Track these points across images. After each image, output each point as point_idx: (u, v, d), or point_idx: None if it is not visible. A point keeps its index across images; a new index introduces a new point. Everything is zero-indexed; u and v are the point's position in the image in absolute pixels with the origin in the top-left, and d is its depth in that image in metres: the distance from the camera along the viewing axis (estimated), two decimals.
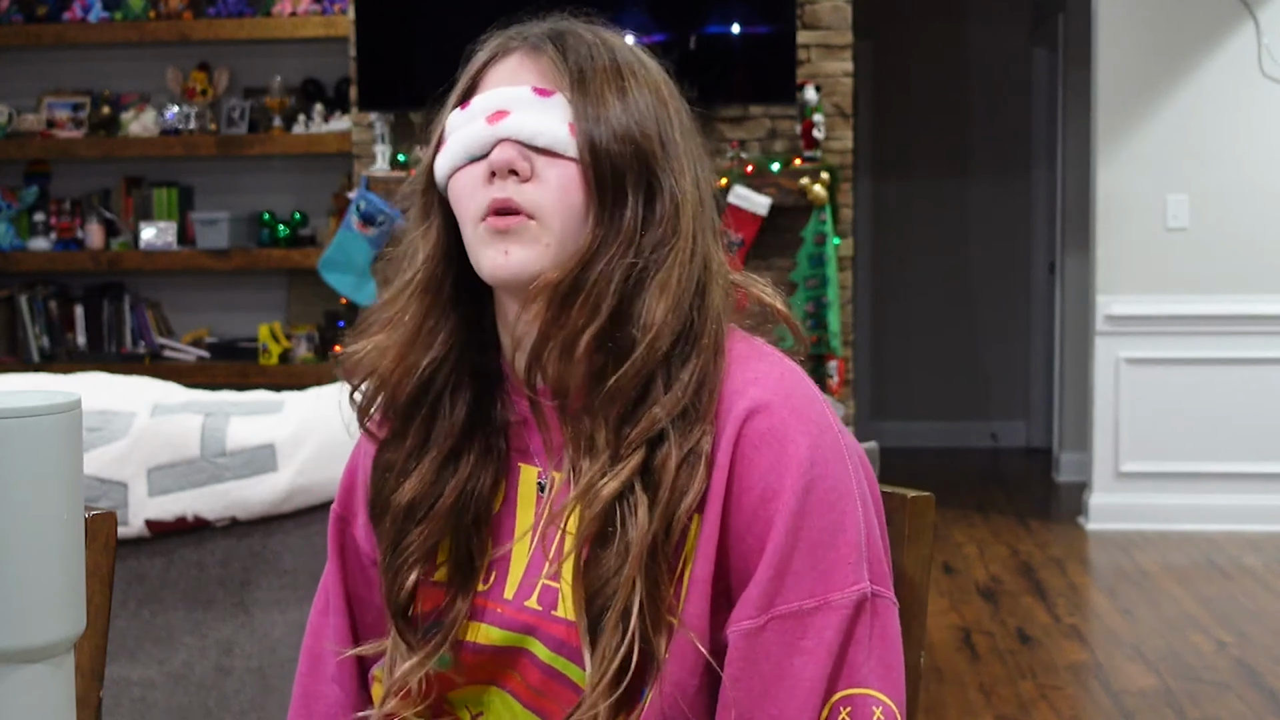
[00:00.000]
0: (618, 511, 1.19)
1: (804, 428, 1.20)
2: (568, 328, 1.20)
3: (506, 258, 1.21)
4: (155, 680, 2.56)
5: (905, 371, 8.05)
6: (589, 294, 1.20)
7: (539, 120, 1.22)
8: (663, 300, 1.21)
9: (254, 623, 2.55)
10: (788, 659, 1.18)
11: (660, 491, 1.19)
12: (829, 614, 1.18)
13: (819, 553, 1.19)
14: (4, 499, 0.93)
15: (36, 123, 6.30)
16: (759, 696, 1.18)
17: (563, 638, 1.24)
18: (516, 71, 1.26)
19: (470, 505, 1.28)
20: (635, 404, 1.20)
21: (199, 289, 6.39)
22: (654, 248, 1.22)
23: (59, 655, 0.97)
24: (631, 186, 1.22)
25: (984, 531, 5.90)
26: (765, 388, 1.21)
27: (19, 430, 0.93)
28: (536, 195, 1.21)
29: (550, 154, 1.22)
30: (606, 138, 1.21)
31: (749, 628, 1.18)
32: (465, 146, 1.24)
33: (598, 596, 1.19)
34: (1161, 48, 5.76)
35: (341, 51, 6.01)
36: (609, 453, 1.20)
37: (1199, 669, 4.13)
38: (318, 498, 2.52)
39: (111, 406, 2.54)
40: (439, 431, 1.28)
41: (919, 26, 7.88)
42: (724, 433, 1.20)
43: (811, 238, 5.43)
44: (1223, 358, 5.77)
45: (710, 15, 5.50)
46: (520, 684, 1.28)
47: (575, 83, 1.23)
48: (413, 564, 1.29)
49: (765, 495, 1.19)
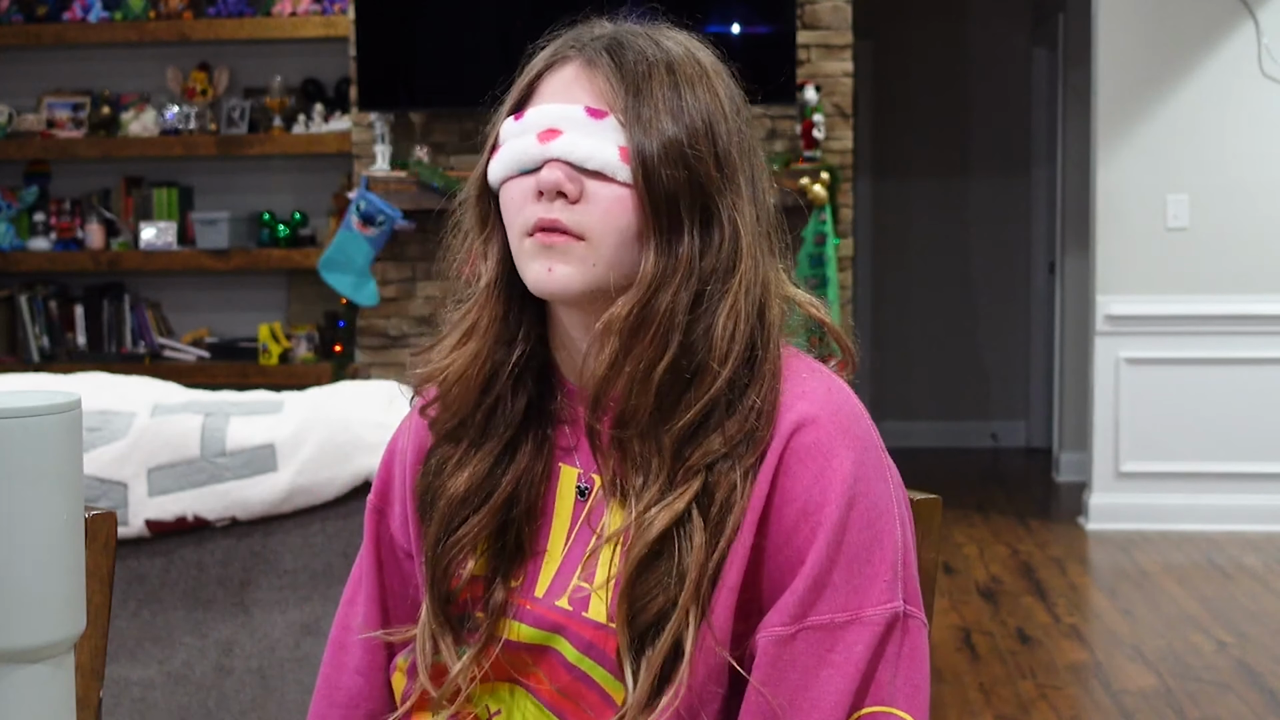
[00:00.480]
0: (674, 537, 1.19)
1: (849, 443, 1.21)
2: (641, 360, 1.20)
3: (550, 274, 1.21)
4: (155, 680, 2.56)
5: (905, 371, 8.05)
6: (658, 326, 1.20)
7: (590, 143, 1.21)
8: (729, 328, 1.21)
9: (254, 623, 2.55)
10: (815, 670, 1.18)
11: (713, 515, 1.20)
12: (861, 629, 1.18)
13: (855, 568, 1.19)
14: (4, 499, 0.93)
15: (36, 123, 6.30)
16: (784, 705, 1.18)
17: (591, 639, 1.24)
18: (570, 86, 1.24)
19: (523, 496, 1.29)
20: (696, 430, 1.21)
21: (199, 289, 6.39)
22: (714, 274, 1.22)
23: (59, 655, 0.97)
24: (686, 211, 1.21)
25: (984, 531, 5.90)
26: (813, 402, 1.22)
27: (19, 430, 0.93)
28: (584, 217, 1.21)
29: (601, 177, 1.21)
30: (659, 163, 1.19)
31: (780, 635, 1.19)
32: (516, 159, 1.23)
33: (642, 613, 1.20)
34: (1161, 48, 5.76)
35: (341, 51, 6.01)
36: (664, 476, 1.20)
37: (1199, 669, 4.13)
38: (318, 498, 2.52)
39: (111, 406, 2.54)
40: (498, 423, 1.29)
41: (919, 26, 7.88)
42: (771, 445, 1.21)
43: (811, 238, 5.43)
44: (1223, 358, 5.77)
45: (710, 15, 5.50)
46: (544, 684, 1.28)
47: (630, 102, 1.21)
48: (466, 553, 1.29)
49: (808, 508, 1.20)
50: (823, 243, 5.41)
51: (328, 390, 2.73)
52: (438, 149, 5.73)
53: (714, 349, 1.20)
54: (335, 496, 2.54)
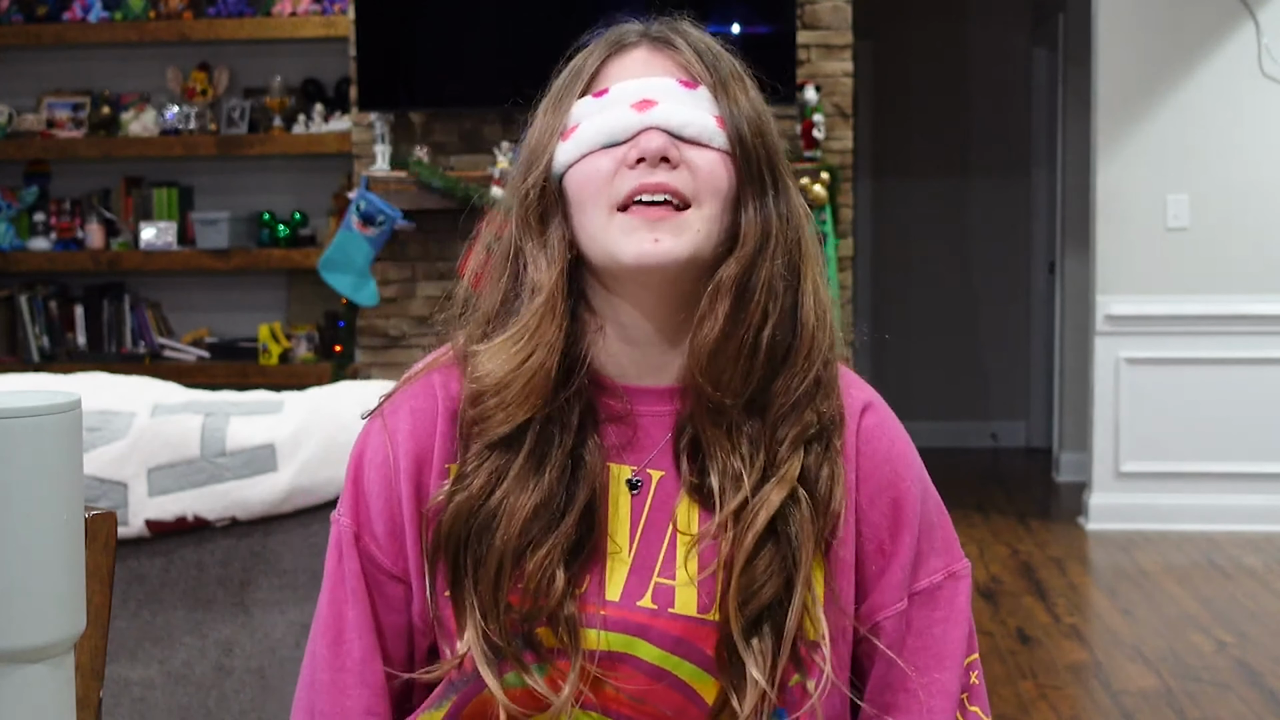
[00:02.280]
0: (784, 514, 1.21)
1: (898, 426, 1.35)
2: (750, 325, 1.21)
3: (656, 245, 1.20)
4: (155, 680, 2.56)
5: (905, 371, 8.05)
6: (763, 289, 1.22)
7: (688, 111, 1.23)
8: (817, 304, 1.26)
9: (254, 623, 2.55)
10: (933, 630, 1.29)
11: (820, 492, 1.23)
12: (956, 583, 1.32)
13: (935, 532, 1.32)
14: (4, 499, 0.93)
15: (36, 123, 6.30)
16: (918, 669, 1.28)
17: (681, 635, 1.22)
18: (650, 64, 1.26)
19: (599, 504, 1.24)
20: (792, 407, 1.23)
21: (199, 289, 6.39)
22: (791, 246, 1.25)
23: (59, 655, 0.97)
24: (770, 179, 1.26)
25: (984, 531, 5.90)
26: (863, 390, 1.33)
27: (19, 430, 0.93)
28: (688, 181, 1.22)
29: (698, 144, 1.23)
30: (750, 131, 1.24)
31: (900, 609, 1.28)
32: (606, 131, 1.22)
33: (755, 598, 1.20)
34: (1161, 48, 5.76)
35: (341, 51, 6.01)
36: (765, 455, 1.21)
37: (1199, 669, 4.13)
38: (318, 498, 2.52)
39: (111, 406, 2.54)
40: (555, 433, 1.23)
41: (919, 26, 7.88)
42: (848, 429, 1.28)
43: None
44: (1223, 358, 5.77)
45: (710, 15, 5.50)
46: (614, 696, 1.22)
47: (718, 77, 1.26)
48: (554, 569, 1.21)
49: (883, 484, 1.28)
50: (823, 243, 5.41)
51: (328, 390, 2.73)
52: (438, 149, 5.73)
53: (807, 326, 1.24)
54: (335, 496, 2.53)
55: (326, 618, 1.30)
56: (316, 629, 1.31)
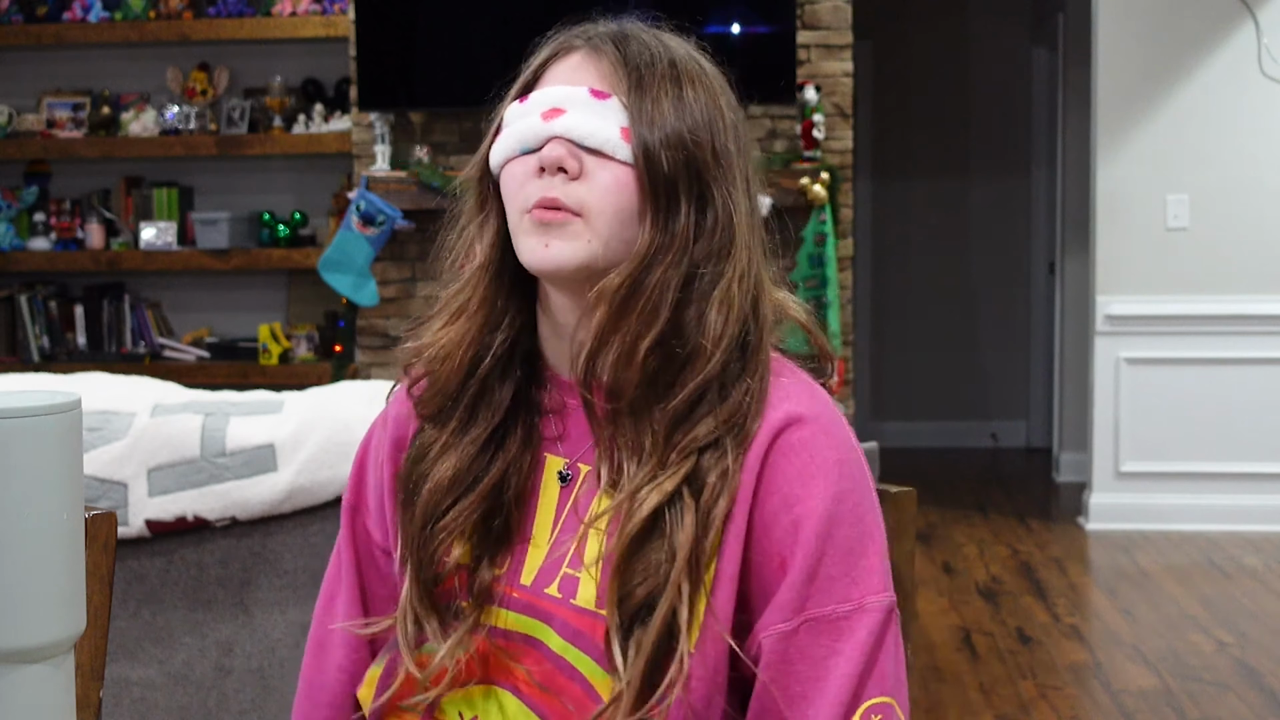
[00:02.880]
0: (665, 516, 1.21)
1: (832, 443, 1.25)
2: (627, 333, 1.23)
3: (546, 250, 1.23)
4: (155, 680, 2.56)
5: (905, 371, 8.05)
6: (647, 299, 1.23)
7: (592, 121, 1.24)
8: (723, 313, 1.24)
9: (254, 623, 2.55)
10: (823, 661, 1.21)
11: (704, 498, 1.22)
12: (863, 617, 1.21)
13: (852, 559, 1.23)
14: (4, 499, 0.93)
15: (36, 123, 6.30)
16: (796, 698, 1.21)
17: (579, 627, 1.25)
18: (576, 70, 1.28)
19: (511, 483, 1.30)
20: (688, 413, 1.23)
21: (199, 289, 6.39)
22: (708, 258, 1.25)
23: (59, 655, 0.97)
24: (684, 193, 1.24)
25: (984, 531, 5.90)
26: (800, 403, 1.26)
27: (19, 430, 0.93)
28: (584, 194, 1.24)
29: (601, 155, 1.24)
30: (660, 143, 1.23)
31: (784, 630, 1.21)
32: (520, 139, 1.26)
33: (632, 594, 1.21)
34: (1161, 48, 5.76)
35: (341, 51, 6.01)
36: (656, 458, 1.23)
37: (1199, 669, 4.13)
38: (318, 498, 2.52)
39: (111, 406, 2.54)
40: (485, 410, 1.30)
41: (919, 26, 7.88)
42: (758, 438, 1.24)
43: (811, 238, 5.43)
44: (1223, 358, 5.77)
45: (710, 15, 5.50)
46: (525, 679, 1.28)
47: (633, 86, 1.25)
48: (453, 539, 1.30)
49: (789, 500, 1.23)
50: (823, 243, 5.41)
51: (328, 390, 2.73)
52: (438, 149, 5.73)
53: (707, 332, 1.23)
54: (335, 496, 2.54)
55: (325, 583, 1.44)
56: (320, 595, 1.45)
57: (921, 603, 4.74)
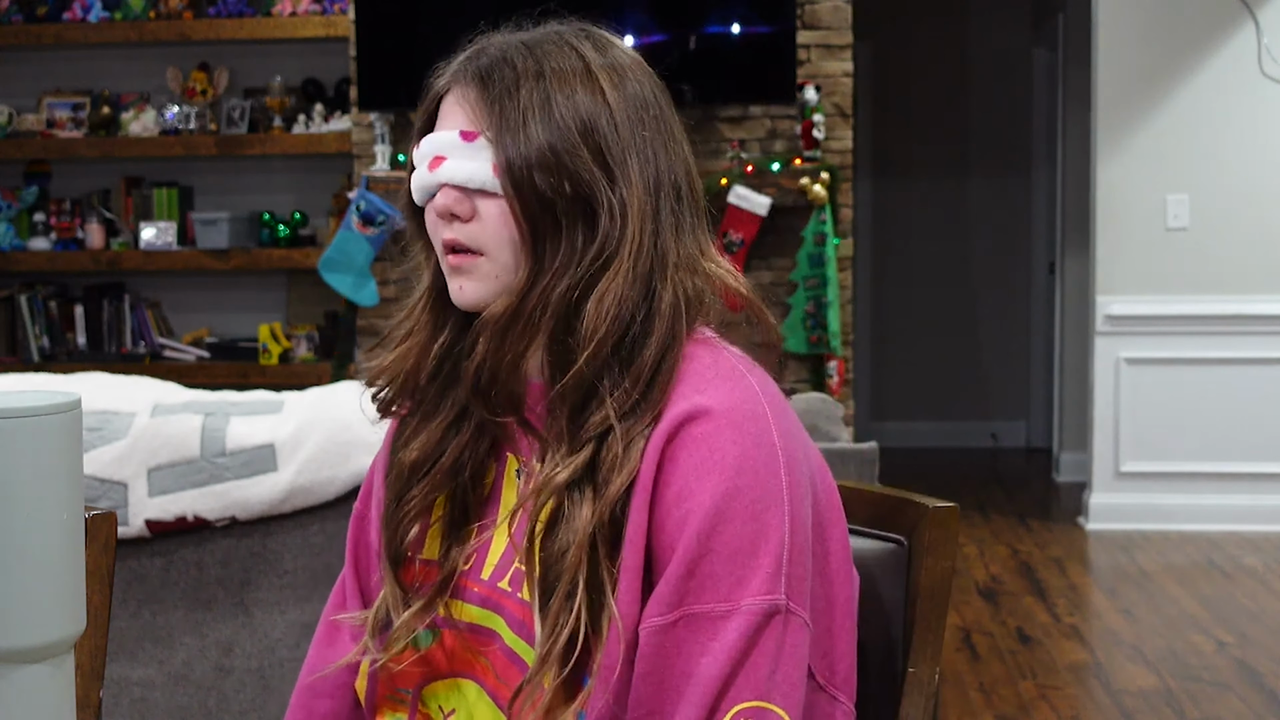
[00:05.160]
0: (567, 499, 1.25)
1: (736, 438, 1.22)
2: (508, 354, 1.28)
3: (461, 292, 1.30)
4: (155, 680, 2.56)
5: (905, 371, 8.05)
6: (525, 323, 1.27)
7: (467, 166, 1.28)
8: (599, 309, 1.25)
9: (254, 623, 2.55)
10: (694, 659, 1.20)
11: (600, 482, 1.24)
12: (737, 619, 1.19)
13: (738, 559, 1.20)
14: (4, 499, 0.93)
15: (36, 123, 6.31)
16: (662, 692, 1.20)
17: (523, 618, 1.29)
18: (452, 111, 1.31)
19: (467, 464, 1.35)
20: (584, 403, 1.26)
21: (199, 289, 6.39)
22: (595, 261, 1.26)
23: (59, 655, 0.97)
24: (564, 213, 1.26)
25: (984, 531, 5.90)
26: (709, 397, 1.24)
27: (19, 430, 0.93)
28: (479, 233, 1.29)
29: (485, 194, 1.28)
30: (530, 171, 1.25)
31: (659, 624, 1.21)
32: (418, 189, 1.32)
33: (548, 575, 1.24)
34: (1161, 48, 5.76)
35: (341, 51, 6.01)
36: (565, 446, 1.26)
37: (1199, 669, 4.13)
38: (318, 498, 2.52)
39: (111, 406, 2.54)
40: (448, 399, 1.35)
41: (919, 26, 7.88)
42: (658, 429, 1.24)
43: (811, 238, 5.43)
44: (1223, 358, 5.77)
45: (710, 15, 5.50)
46: (489, 673, 1.33)
47: (497, 120, 1.27)
48: (413, 517, 1.36)
49: (682, 494, 1.22)
50: (823, 243, 5.41)
51: (328, 390, 2.73)
52: None
53: (584, 331, 1.25)
54: (335, 496, 2.54)
55: (338, 583, 1.50)
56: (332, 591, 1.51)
57: None
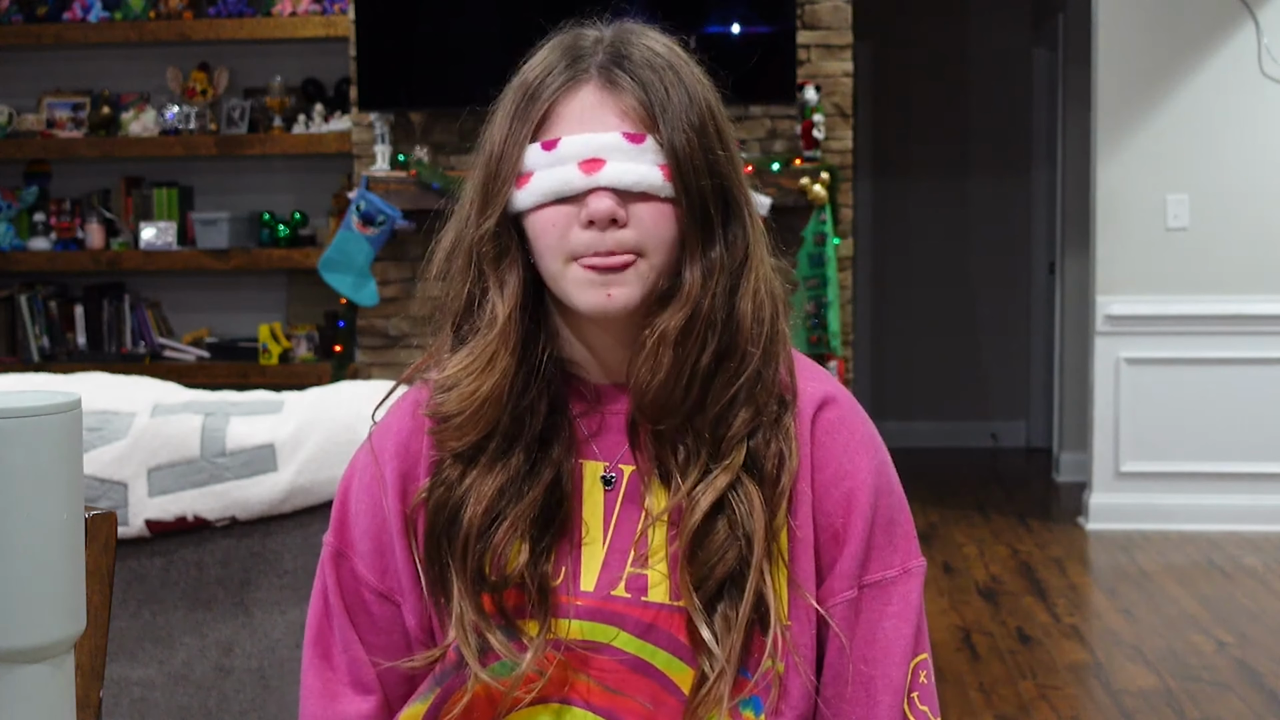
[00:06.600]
0: (728, 503, 1.26)
1: (861, 419, 1.35)
2: (689, 361, 1.25)
3: (610, 298, 1.25)
4: (155, 680, 2.56)
5: (905, 371, 8.05)
6: (701, 328, 1.26)
7: (636, 169, 1.24)
8: (756, 311, 1.29)
9: (254, 623, 2.55)
10: (879, 624, 1.30)
11: (768, 474, 1.28)
12: (910, 581, 1.33)
13: (894, 528, 1.33)
14: (4, 499, 0.93)
15: (36, 123, 6.30)
16: (861, 661, 1.29)
17: (653, 622, 1.27)
18: (598, 111, 1.26)
19: (564, 482, 1.30)
20: (728, 408, 1.27)
21: (199, 289, 6.39)
22: (738, 264, 1.29)
23: (59, 655, 0.97)
24: (717, 215, 1.27)
25: (984, 531, 5.90)
26: (825, 383, 1.34)
27: (19, 430, 0.93)
28: (636, 236, 1.25)
29: (644, 196, 1.25)
30: (696, 174, 1.25)
31: (850, 597, 1.30)
32: (555, 190, 1.25)
33: (707, 580, 1.25)
34: (1161, 48, 5.76)
35: (341, 51, 6.01)
36: (705, 454, 1.26)
37: (1199, 669, 4.13)
38: (318, 498, 2.52)
39: (111, 406, 2.54)
40: (525, 428, 1.29)
41: (919, 26, 7.88)
42: (801, 416, 1.31)
43: (811, 238, 5.43)
44: (1223, 358, 5.77)
45: (710, 15, 5.50)
46: (591, 687, 1.27)
47: (660, 121, 1.25)
48: (513, 544, 1.28)
49: (839, 474, 1.30)
50: (823, 243, 5.41)
51: (328, 390, 2.73)
52: (438, 149, 5.73)
53: (744, 331, 1.27)
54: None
55: (313, 632, 1.39)
56: (306, 641, 1.40)
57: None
